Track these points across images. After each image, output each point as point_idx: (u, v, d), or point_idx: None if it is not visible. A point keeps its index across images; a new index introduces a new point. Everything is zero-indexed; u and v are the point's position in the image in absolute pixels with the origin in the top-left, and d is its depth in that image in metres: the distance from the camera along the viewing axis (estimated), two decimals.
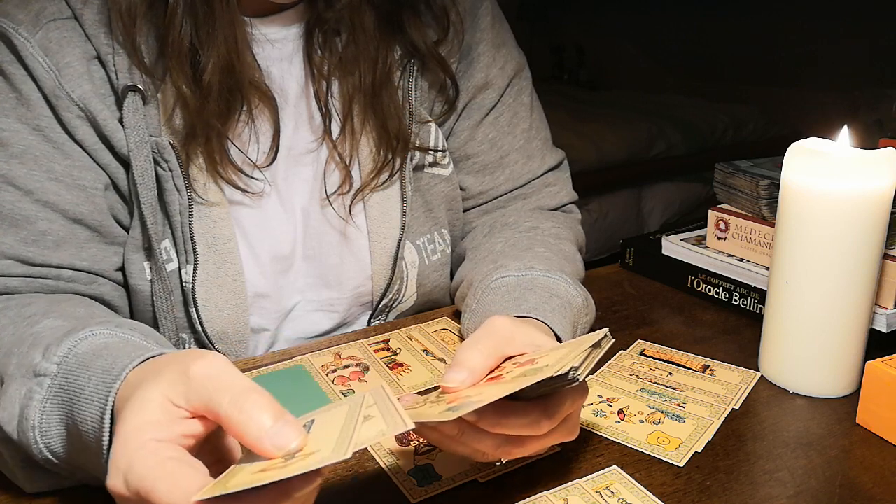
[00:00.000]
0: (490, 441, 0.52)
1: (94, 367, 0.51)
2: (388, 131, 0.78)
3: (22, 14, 0.68)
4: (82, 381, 0.50)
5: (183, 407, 0.43)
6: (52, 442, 0.52)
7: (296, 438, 0.41)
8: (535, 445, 0.54)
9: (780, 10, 2.88)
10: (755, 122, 2.96)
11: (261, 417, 0.41)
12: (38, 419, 0.52)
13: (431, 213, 0.86)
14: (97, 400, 0.49)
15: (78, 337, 0.54)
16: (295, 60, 0.77)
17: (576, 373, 0.50)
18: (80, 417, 0.49)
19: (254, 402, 0.42)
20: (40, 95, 0.68)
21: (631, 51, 3.60)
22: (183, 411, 0.43)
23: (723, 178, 0.94)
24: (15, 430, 0.53)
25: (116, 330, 0.56)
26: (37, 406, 0.52)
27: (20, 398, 0.53)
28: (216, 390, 0.42)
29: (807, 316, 0.69)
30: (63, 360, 0.53)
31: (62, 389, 0.52)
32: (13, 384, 0.54)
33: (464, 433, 0.52)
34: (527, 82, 0.90)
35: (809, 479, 0.59)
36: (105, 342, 0.54)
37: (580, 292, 0.75)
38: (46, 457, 0.53)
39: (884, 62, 2.61)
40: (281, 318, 0.82)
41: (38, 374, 0.53)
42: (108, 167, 0.72)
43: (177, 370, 0.44)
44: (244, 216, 0.77)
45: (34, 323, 0.60)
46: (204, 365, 0.43)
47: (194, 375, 0.43)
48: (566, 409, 0.53)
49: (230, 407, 0.42)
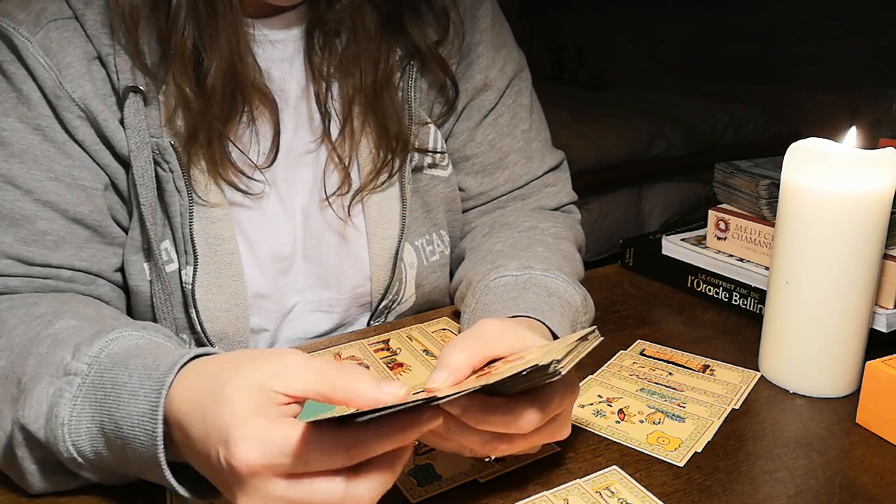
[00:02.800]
0: (476, 437, 0.52)
1: (132, 364, 0.52)
2: (388, 132, 0.79)
3: (23, 14, 0.68)
4: (122, 378, 0.52)
5: (281, 392, 0.47)
6: (81, 440, 0.53)
7: (402, 387, 0.47)
8: (523, 443, 0.54)
9: (780, 9, 2.88)
10: (755, 122, 2.96)
11: (369, 380, 0.47)
12: (67, 417, 0.52)
13: (430, 214, 0.86)
14: (144, 395, 0.50)
15: (109, 337, 0.56)
16: (295, 61, 0.77)
17: (558, 365, 0.49)
18: (122, 413, 0.50)
19: (357, 372, 0.47)
20: (41, 95, 0.68)
21: (630, 50, 3.60)
22: (281, 396, 0.47)
23: (723, 178, 0.94)
24: (42, 427, 0.53)
25: (143, 332, 0.58)
26: (67, 404, 0.53)
27: (48, 397, 0.54)
28: (320, 371, 0.47)
29: (807, 316, 0.69)
30: (94, 359, 0.54)
31: (96, 388, 0.52)
32: (40, 383, 0.54)
33: (450, 429, 0.52)
34: (526, 83, 0.90)
35: (809, 479, 0.59)
36: (136, 343, 0.56)
37: (579, 291, 0.75)
38: (72, 455, 0.53)
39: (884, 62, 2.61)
40: (280, 319, 0.82)
41: (69, 373, 0.54)
42: (107, 167, 0.72)
43: (271, 362, 0.48)
44: (244, 217, 0.77)
45: (48, 323, 0.60)
46: (298, 356, 0.48)
47: (292, 364, 0.48)
48: (554, 407, 0.53)
49: (342, 377, 0.47)
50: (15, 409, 0.55)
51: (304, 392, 0.47)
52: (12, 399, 0.56)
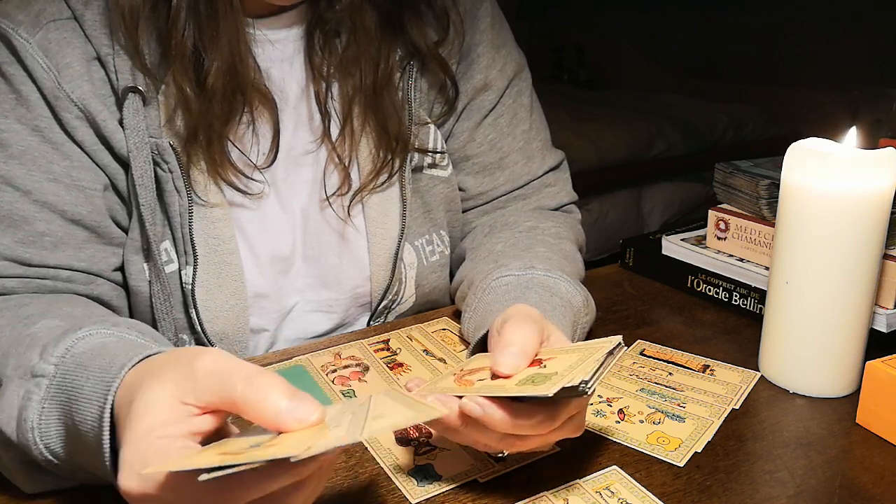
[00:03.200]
0: (493, 434, 0.53)
1: (91, 366, 0.51)
2: (388, 132, 0.78)
3: (22, 15, 0.68)
4: (80, 381, 0.50)
5: (192, 404, 0.43)
6: (52, 442, 0.52)
7: (315, 412, 0.42)
8: (538, 441, 0.55)
9: (780, 9, 2.88)
10: (755, 122, 2.95)
11: (277, 396, 0.42)
12: (37, 420, 0.52)
13: (430, 214, 0.85)
14: (96, 399, 0.49)
15: (75, 337, 0.54)
16: (296, 61, 0.77)
17: (586, 386, 0.50)
18: (80, 417, 0.49)
19: (267, 384, 0.43)
20: (39, 96, 0.68)
21: (630, 50, 3.60)
22: (192, 408, 0.44)
23: (723, 178, 0.94)
24: (14, 431, 0.53)
25: (114, 329, 0.56)
26: (35, 407, 0.52)
27: (18, 399, 0.53)
28: (227, 380, 0.43)
29: (807, 316, 0.69)
30: (60, 360, 0.53)
31: (60, 389, 0.52)
32: (11, 385, 0.54)
33: (467, 425, 0.52)
34: (526, 83, 0.90)
35: (809, 479, 0.59)
36: (102, 342, 0.54)
37: (580, 292, 0.75)
38: (47, 457, 0.53)
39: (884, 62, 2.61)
40: (280, 319, 0.82)
41: (36, 375, 0.53)
42: (107, 168, 0.72)
43: (181, 368, 0.44)
44: (244, 217, 0.77)
45: (31, 324, 0.59)
46: (208, 360, 0.44)
47: (200, 371, 0.43)
48: (571, 409, 0.54)
49: (245, 391, 0.42)
50: None
51: (213, 404, 0.43)
52: None
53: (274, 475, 0.41)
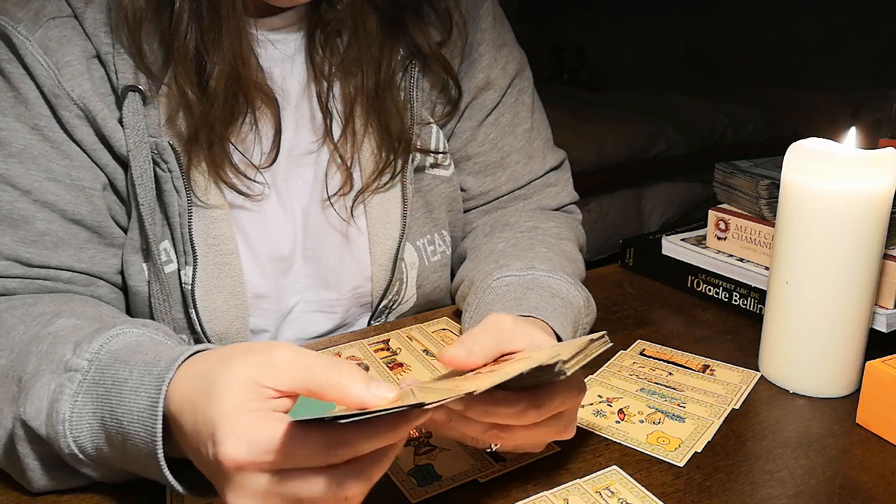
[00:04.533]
0: (478, 426, 0.53)
1: (133, 361, 0.52)
2: (391, 133, 0.78)
3: (21, 12, 0.67)
4: (123, 375, 0.52)
5: (271, 387, 0.46)
6: (82, 436, 0.53)
7: (392, 390, 0.47)
8: (525, 435, 0.54)
9: (780, 10, 2.88)
10: (755, 122, 2.95)
11: (359, 378, 0.47)
12: (68, 413, 0.52)
13: (432, 214, 0.85)
14: (144, 391, 0.50)
15: (109, 334, 0.55)
16: (297, 60, 0.77)
17: (563, 366, 0.49)
18: (123, 409, 0.50)
19: (346, 370, 0.47)
20: (39, 94, 0.68)
21: (631, 51, 3.60)
22: (271, 391, 0.46)
23: (723, 178, 0.94)
24: (43, 424, 0.53)
25: (144, 329, 0.58)
26: (68, 400, 0.53)
27: (49, 393, 0.54)
28: (309, 368, 0.47)
29: (807, 316, 0.69)
30: (95, 356, 0.54)
31: (97, 384, 0.52)
32: (41, 380, 0.54)
33: (451, 418, 0.52)
34: (528, 82, 0.90)
35: (809, 479, 0.59)
36: (137, 340, 0.56)
37: (581, 293, 0.75)
38: (73, 451, 0.53)
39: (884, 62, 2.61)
40: (280, 319, 0.82)
41: (70, 370, 0.54)
42: (106, 167, 0.71)
43: (258, 357, 0.47)
44: (244, 217, 0.77)
45: (48, 322, 0.60)
46: (286, 350, 0.48)
47: (280, 360, 0.47)
48: (556, 404, 0.53)
49: (329, 376, 0.46)
50: (15, 406, 0.55)
51: (293, 388, 0.47)
52: (13, 397, 0.56)
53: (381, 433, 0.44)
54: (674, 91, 3.24)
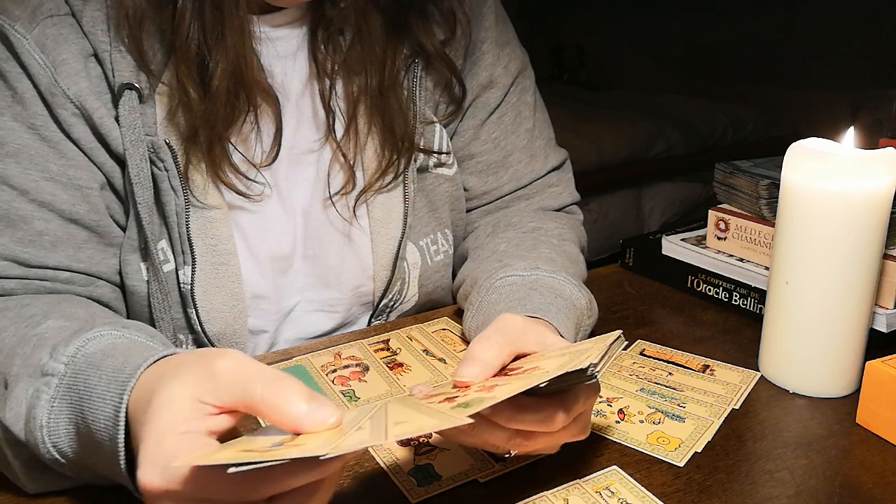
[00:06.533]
0: (502, 434, 0.52)
1: (104, 366, 0.51)
2: (394, 133, 0.78)
3: (18, 10, 0.67)
4: (93, 381, 0.51)
5: (210, 403, 0.44)
6: (60, 441, 0.52)
7: (333, 415, 0.43)
8: (546, 440, 0.54)
9: (780, 9, 2.88)
10: (755, 122, 2.95)
11: (297, 400, 0.43)
12: (45, 419, 0.52)
13: (435, 213, 0.85)
14: (110, 399, 0.49)
15: (86, 337, 0.54)
16: (298, 57, 0.76)
17: (594, 369, 0.50)
18: (92, 416, 0.50)
19: (286, 388, 0.43)
20: (35, 93, 0.67)
21: (631, 51, 3.60)
22: (210, 408, 0.44)
23: (723, 178, 0.94)
24: (22, 430, 0.53)
25: (123, 331, 0.56)
26: (44, 405, 0.52)
27: (27, 398, 0.53)
28: (247, 383, 0.44)
29: (807, 316, 0.69)
30: (71, 359, 0.53)
31: (71, 389, 0.52)
32: (20, 384, 0.54)
33: (476, 426, 0.52)
34: (530, 81, 0.90)
35: (809, 479, 0.59)
36: (113, 343, 0.55)
37: (584, 294, 0.75)
38: (54, 456, 0.53)
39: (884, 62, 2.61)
40: (280, 320, 0.82)
41: (46, 374, 0.53)
42: (103, 166, 0.71)
43: (200, 369, 0.45)
44: (243, 217, 0.77)
45: (36, 324, 0.59)
46: (228, 362, 0.45)
47: (220, 372, 0.44)
48: (580, 407, 0.53)
49: (265, 395, 0.43)
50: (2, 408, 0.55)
51: (231, 404, 0.44)
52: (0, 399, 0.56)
53: (299, 472, 0.41)
54: (674, 91, 3.24)
